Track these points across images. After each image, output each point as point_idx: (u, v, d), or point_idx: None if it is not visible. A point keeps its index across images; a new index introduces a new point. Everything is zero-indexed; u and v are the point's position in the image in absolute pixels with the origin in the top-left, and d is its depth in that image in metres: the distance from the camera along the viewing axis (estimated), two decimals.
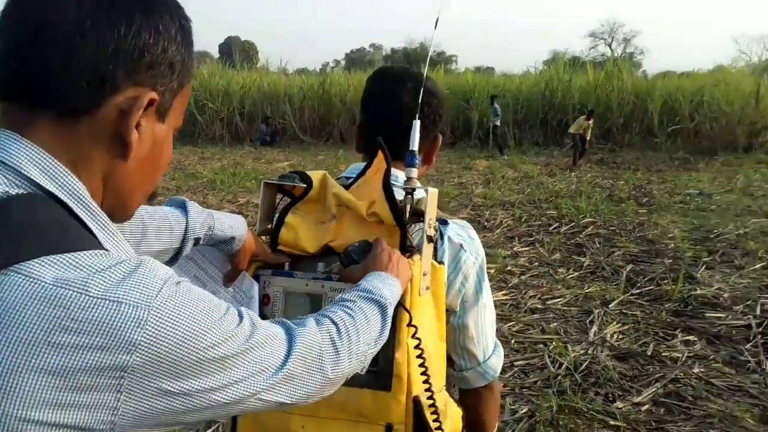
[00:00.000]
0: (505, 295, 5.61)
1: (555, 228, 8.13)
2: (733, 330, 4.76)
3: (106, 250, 0.65)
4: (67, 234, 0.62)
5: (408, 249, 1.12)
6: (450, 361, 1.28)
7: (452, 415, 1.18)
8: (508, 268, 6.44)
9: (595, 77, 19.43)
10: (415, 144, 1.15)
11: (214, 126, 21.55)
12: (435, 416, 1.08)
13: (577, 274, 6.26)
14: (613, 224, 8.28)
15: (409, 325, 1.04)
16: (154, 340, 0.59)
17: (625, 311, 5.21)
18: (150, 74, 0.68)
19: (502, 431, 3.39)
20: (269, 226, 1.26)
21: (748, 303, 5.26)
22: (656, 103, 17.88)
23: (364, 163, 1.27)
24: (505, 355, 4.34)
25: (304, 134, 21.01)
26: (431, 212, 1.11)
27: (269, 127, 20.54)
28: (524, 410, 3.60)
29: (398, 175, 1.23)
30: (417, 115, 1.18)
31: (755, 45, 57.22)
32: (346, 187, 1.23)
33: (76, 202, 0.65)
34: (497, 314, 4.46)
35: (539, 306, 5.35)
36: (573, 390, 3.79)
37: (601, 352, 4.38)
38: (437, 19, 1.38)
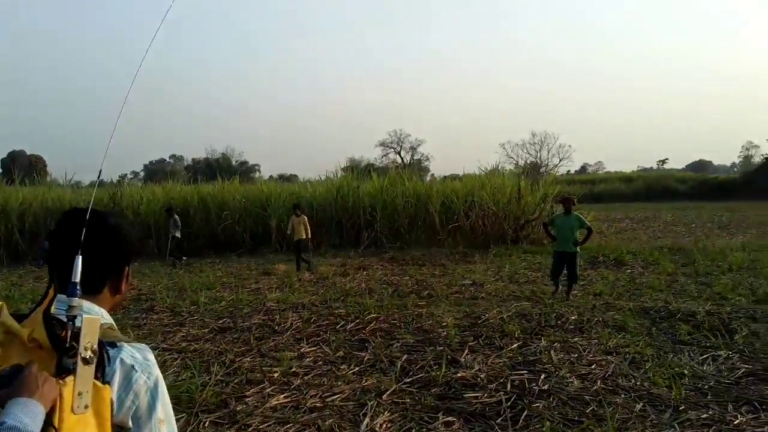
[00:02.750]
0: (286, 397, 5.65)
1: (342, 326, 8.42)
2: (486, 407, 5.25)
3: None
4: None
5: (65, 371, 1.20)
6: None
7: None
8: (293, 369, 6.51)
9: (380, 183, 20.90)
10: (76, 277, 1.32)
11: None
12: None
13: (357, 368, 6.51)
14: (395, 318, 8.78)
15: None
16: None
17: (396, 400, 5.51)
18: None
19: None
20: None
21: (500, 381, 5.86)
22: (435, 204, 19.62)
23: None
24: None
25: None
26: (87, 337, 1.22)
27: None
28: None
29: (82, 304, 1.36)
30: (79, 252, 1.34)
31: (519, 150, 65.89)
32: (27, 315, 1.32)
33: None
34: (276, 418, 4.51)
35: (318, 404, 5.46)
36: None
37: None
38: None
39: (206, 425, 5.04)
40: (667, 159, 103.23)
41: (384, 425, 4.94)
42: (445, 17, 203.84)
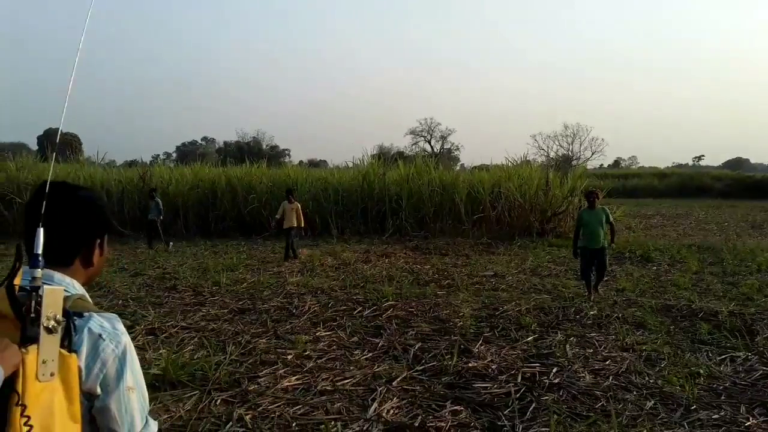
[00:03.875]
0: (298, 380, 5.73)
1: (359, 312, 8.48)
2: (495, 398, 5.25)
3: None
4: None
5: (29, 340, 1.24)
6: None
7: None
8: (307, 352, 6.59)
9: (406, 171, 20.87)
10: (38, 249, 1.35)
11: (22, 221, 20.05)
12: None
13: (371, 354, 6.56)
14: (413, 306, 8.81)
15: (18, 404, 1.17)
16: None
17: (406, 387, 5.54)
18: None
19: None
20: None
21: (512, 372, 5.86)
22: (461, 194, 19.53)
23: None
24: None
25: (123, 227, 20.10)
26: (48, 308, 1.25)
27: None
28: None
29: (53, 276, 1.43)
30: (40, 224, 1.37)
31: (551, 142, 65.06)
32: None
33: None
34: (287, 399, 4.56)
35: (329, 388, 5.52)
36: None
37: (375, 427, 4.63)
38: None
39: (218, 403, 5.14)
40: (703, 156, 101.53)
41: (391, 411, 4.97)
42: (480, 5, 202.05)
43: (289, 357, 6.40)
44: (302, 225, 14.67)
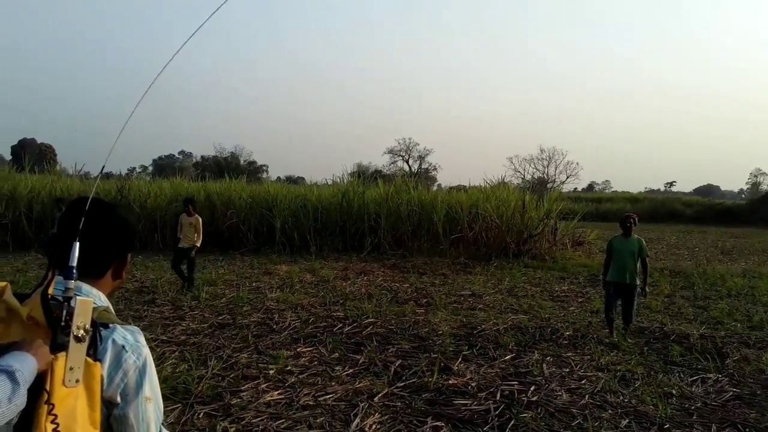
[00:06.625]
0: (280, 394, 5.78)
1: (339, 328, 8.54)
2: (475, 415, 5.36)
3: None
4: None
5: (58, 347, 1.32)
6: None
7: None
8: (288, 368, 6.64)
9: (385, 190, 21.05)
10: (73, 261, 1.45)
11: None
12: None
13: (351, 371, 6.63)
14: (392, 323, 8.90)
15: (47, 402, 1.25)
16: None
17: (387, 403, 5.63)
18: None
19: None
20: None
21: (491, 390, 5.97)
22: (440, 214, 19.73)
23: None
24: None
25: None
26: (79, 318, 1.34)
27: None
28: None
29: (81, 287, 1.52)
30: (77, 238, 1.48)
31: (527, 165, 65.94)
32: (29, 295, 1.44)
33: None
34: (269, 413, 4.63)
35: (311, 403, 5.58)
36: None
37: None
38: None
39: (200, 416, 5.16)
40: (674, 182, 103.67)
41: (373, 426, 5.05)
42: (461, 31, 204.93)
43: (271, 372, 6.45)
44: (198, 245, 11.96)
